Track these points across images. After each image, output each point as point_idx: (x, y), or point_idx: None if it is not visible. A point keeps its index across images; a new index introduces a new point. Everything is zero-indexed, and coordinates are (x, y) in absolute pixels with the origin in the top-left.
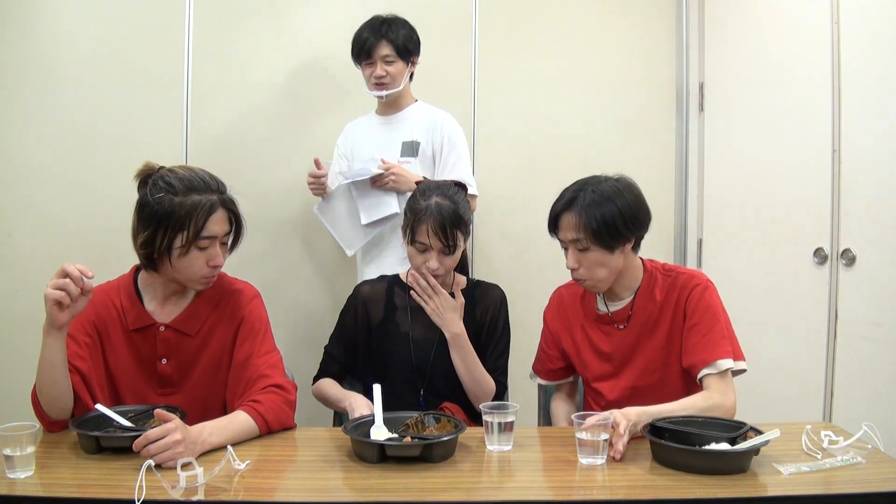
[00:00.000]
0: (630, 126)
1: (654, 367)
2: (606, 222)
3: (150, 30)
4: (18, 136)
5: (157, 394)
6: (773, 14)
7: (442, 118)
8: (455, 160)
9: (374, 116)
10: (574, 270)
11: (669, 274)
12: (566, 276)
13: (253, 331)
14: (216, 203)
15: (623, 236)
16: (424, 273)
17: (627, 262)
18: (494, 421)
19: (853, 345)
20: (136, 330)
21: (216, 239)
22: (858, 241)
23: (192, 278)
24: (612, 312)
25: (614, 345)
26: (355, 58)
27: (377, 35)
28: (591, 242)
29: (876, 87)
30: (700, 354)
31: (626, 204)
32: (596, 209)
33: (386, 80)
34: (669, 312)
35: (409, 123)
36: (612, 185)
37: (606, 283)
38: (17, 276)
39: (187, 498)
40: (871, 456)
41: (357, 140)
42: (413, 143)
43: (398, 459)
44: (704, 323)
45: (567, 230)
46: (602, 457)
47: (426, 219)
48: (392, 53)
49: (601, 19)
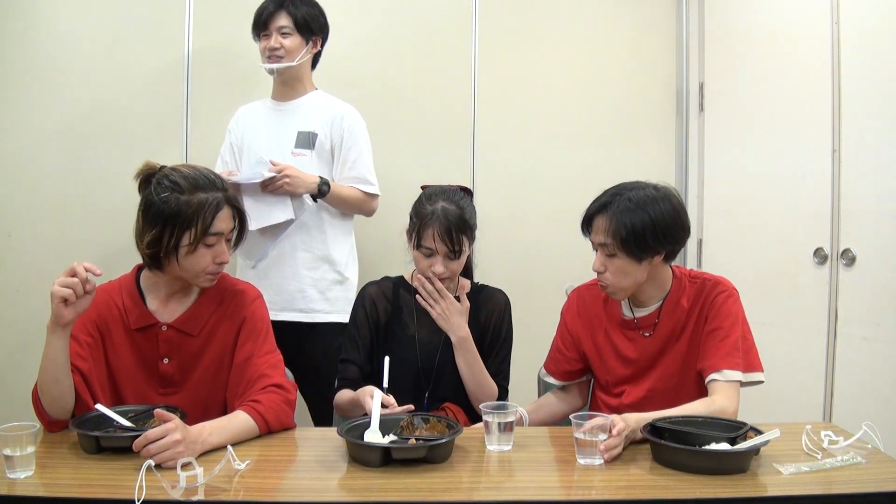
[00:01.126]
0: (630, 126)
1: (673, 372)
2: (636, 232)
3: (150, 30)
4: (18, 136)
5: (158, 393)
6: (773, 14)
7: (343, 109)
8: (356, 156)
9: (269, 101)
10: (599, 274)
11: (696, 280)
12: (565, 278)
13: (254, 331)
14: (222, 200)
15: (651, 248)
16: (431, 277)
17: (656, 271)
18: (494, 421)
19: (853, 345)
20: (138, 329)
21: (223, 236)
22: (858, 241)
23: (198, 275)
24: (637, 318)
25: (639, 351)
26: (254, 30)
27: (276, 5)
28: (618, 249)
29: (876, 87)
30: (711, 360)
31: (660, 215)
32: (627, 217)
33: (280, 53)
34: (694, 318)
35: (306, 112)
36: (649, 193)
37: (627, 293)
38: (17, 276)
39: (187, 498)
40: (871, 456)
41: (248, 126)
42: (310, 133)
43: (399, 461)
44: (723, 330)
45: (598, 233)
46: (600, 458)
47: (432, 223)
48: (290, 25)
49: (601, 19)
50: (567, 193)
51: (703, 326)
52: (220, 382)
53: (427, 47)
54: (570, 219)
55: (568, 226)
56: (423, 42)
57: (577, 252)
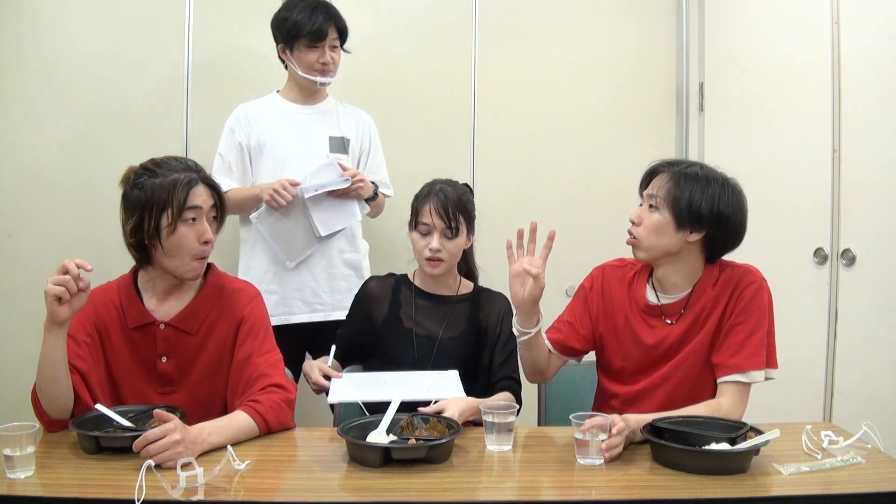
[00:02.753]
0: (630, 126)
1: (692, 363)
2: (692, 199)
3: (150, 30)
4: (18, 136)
5: (157, 392)
6: (773, 14)
7: (367, 117)
8: (380, 161)
9: (284, 102)
10: (633, 225)
11: (724, 268)
12: (566, 277)
13: (253, 330)
14: (196, 178)
15: (699, 221)
16: None
17: (689, 256)
18: (494, 421)
19: (853, 345)
20: (135, 328)
21: (202, 211)
22: (858, 241)
23: (185, 259)
24: (663, 305)
25: (658, 339)
26: (293, 38)
27: (327, 18)
28: (665, 204)
29: (876, 87)
30: (734, 358)
31: (723, 197)
32: (693, 182)
33: (330, 67)
34: (721, 307)
35: (332, 117)
36: (721, 176)
37: (650, 255)
38: (17, 276)
39: (187, 498)
40: (871, 456)
41: (265, 126)
42: (343, 139)
43: (399, 461)
44: (748, 325)
45: (653, 186)
46: (600, 458)
47: (430, 199)
48: (337, 38)
49: (601, 19)
50: (567, 193)
51: (727, 318)
52: (219, 381)
53: (427, 47)
54: (570, 218)
55: (568, 225)
56: (423, 42)
57: (578, 252)
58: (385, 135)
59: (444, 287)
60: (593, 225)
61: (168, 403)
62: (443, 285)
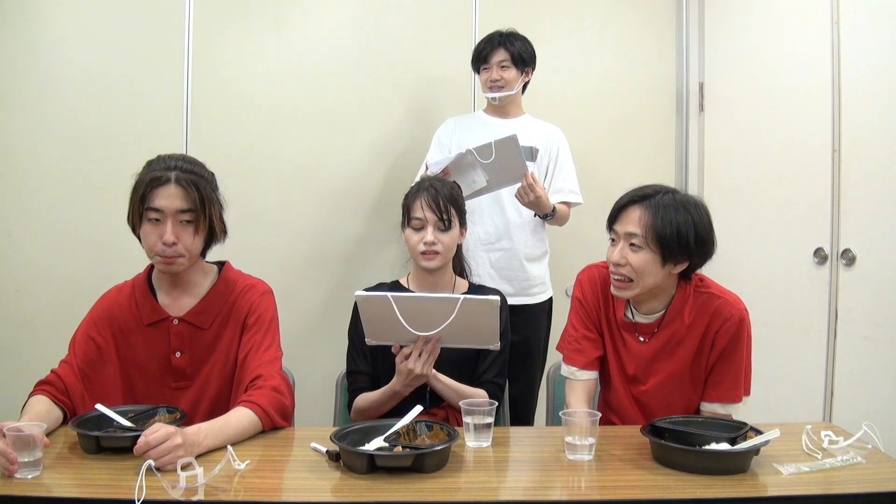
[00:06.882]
0: (630, 126)
1: (660, 381)
2: (679, 231)
3: (150, 30)
4: (18, 136)
5: (171, 388)
6: (773, 14)
7: (556, 129)
8: (568, 169)
9: (483, 115)
10: (618, 266)
11: (702, 294)
12: (566, 277)
13: (255, 325)
14: (168, 178)
15: (686, 253)
16: None
17: (665, 280)
18: (472, 422)
19: (853, 345)
20: (150, 324)
21: (165, 214)
22: (858, 241)
23: (148, 254)
24: (637, 322)
25: (630, 354)
26: (473, 64)
27: (493, 43)
28: (650, 244)
29: (876, 87)
30: (718, 393)
31: (702, 222)
32: (673, 213)
33: (500, 84)
34: (697, 337)
35: (523, 129)
36: (691, 199)
37: (634, 293)
38: (17, 276)
39: (187, 498)
40: (871, 456)
41: (464, 136)
42: (532, 148)
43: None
44: (733, 362)
45: (629, 223)
46: (590, 454)
47: (420, 195)
48: (507, 59)
49: (601, 19)
50: None
51: (708, 351)
52: (230, 376)
53: (427, 47)
54: (570, 218)
55: (568, 225)
56: (423, 42)
57: (578, 252)
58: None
59: (440, 287)
60: (593, 225)
61: (181, 398)
62: (438, 284)
